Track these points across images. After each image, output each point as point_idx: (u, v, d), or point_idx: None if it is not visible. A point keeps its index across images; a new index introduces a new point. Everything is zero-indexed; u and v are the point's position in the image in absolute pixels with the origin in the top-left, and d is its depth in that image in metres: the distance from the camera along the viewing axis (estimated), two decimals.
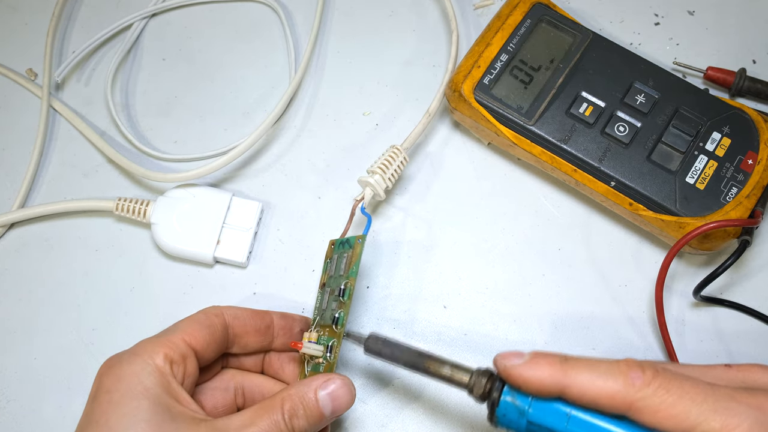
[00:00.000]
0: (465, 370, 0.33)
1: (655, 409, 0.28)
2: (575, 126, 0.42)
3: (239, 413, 0.32)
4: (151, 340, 0.33)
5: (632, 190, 0.40)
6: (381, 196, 0.42)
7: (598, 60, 0.43)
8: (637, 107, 0.42)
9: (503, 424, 0.31)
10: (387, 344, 0.35)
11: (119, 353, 0.33)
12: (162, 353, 0.32)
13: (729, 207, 0.39)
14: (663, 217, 0.40)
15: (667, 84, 0.42)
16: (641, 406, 0.28)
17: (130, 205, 0.44)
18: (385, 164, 0.42)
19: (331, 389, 0.33)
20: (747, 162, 0.40)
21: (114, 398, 0.31)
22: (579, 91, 0.42)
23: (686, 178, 0.40)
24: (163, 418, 0.30)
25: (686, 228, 0.39)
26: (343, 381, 0.34)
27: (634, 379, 0.28)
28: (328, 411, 0.33)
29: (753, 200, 0.39)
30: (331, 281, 0.39)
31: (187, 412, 0.31)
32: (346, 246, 0.39)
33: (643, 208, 0.40)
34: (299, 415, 0.32)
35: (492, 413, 0.31)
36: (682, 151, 0.41)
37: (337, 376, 0.34)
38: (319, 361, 0.37)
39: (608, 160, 0.41)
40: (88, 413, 0.32)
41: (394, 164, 0.42)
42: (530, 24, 0.44)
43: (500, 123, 0.43)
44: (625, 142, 0.41)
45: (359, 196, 0.42)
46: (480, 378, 0.32)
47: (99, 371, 0.33)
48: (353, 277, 0.37)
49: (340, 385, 0.33)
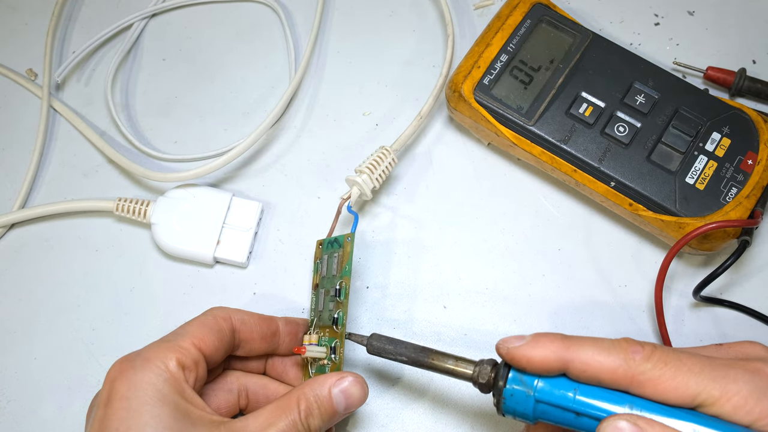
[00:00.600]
0: (469, 361, 0.33)
1: (655, 382, 0.28)
2: (575, 126, 0.42)
3: (255, 414, 0.32)
4: (162, 345, 0.33)
5: (632, 191, 0.40)
6: (368, 196, 0.43)
7: (598, 60, 0.43)
8: (637, 107, 0.42)
9: (510, 407, 0.31)
10: (390, 342, 0.35)
11: (129, 356, 0.33)
12: (175, 359, 0.32)
13: (729, 207, 0.39)
14: (663, 218, 0.40)
15: (667, 84, 0.42)
16: (642, 380, 0.28)
17: (130, 206, 0.44)
18: (373, 164, 0.42)
19: (344, 386, 0.34)
20: (747, 162, 0.40)
21: (132, 405, 0.30)
22: (579, 91, 0.42)
23: (686, 179, 0.40)
24: (185, 424, 0.30)
25: (686, 228, 0.39)
26: (356, 378, 0.34)
27: (634, 354, 0.29)
28: (342, 408, 0.33)
29: (753, 200, 0.39)
30: (325, 282, 0.39)
31: (206, 416, 0.31)
32: (335, 245, 0.40)
33: (642, 208, 0.40)
34: (314, 414, 0.33)
35: (499, 401, 0.31)
36: (681, 152, 0.41)
37: (349, 373, 0.34)
38: (323, 362, 0.37)
39: (608, 161, 0.41)
40: (102, 419, 0.31)
41: (382, 164, 0.42)
42: (530, 24, 0.44)
43: (500, 123, 0.43)
44: (625, 143, 0.41)
45: (346, 195, 0.42)
46: (484, 367, 0.32)
47: (109, 375, 0.32)
48: (347, 276, 0.37)
49: (353, 382, 0.34)
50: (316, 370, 0.38)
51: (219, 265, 0.44)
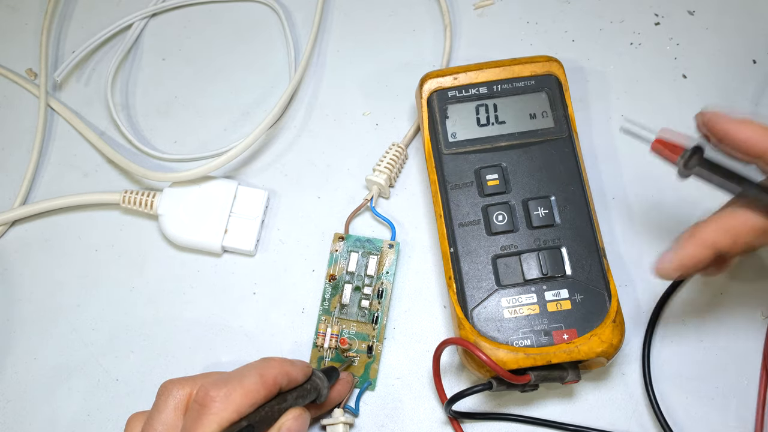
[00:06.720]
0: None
1: None
2: (473, 183, 0.40)
3: None
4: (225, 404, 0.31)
5: (460, 268, 0.39)
6: (387, 195, 0.44)
7: (546, 156, 0.41)
8: (531, 216, 0.39)
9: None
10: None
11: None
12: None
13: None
14: (459, 311, 0.38)
15: (578, 221, 0.39)
16: None
17: (137, 197, 0.44)
18: (391, 163, 0.44)
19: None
20: (561, 336, 0.37)
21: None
22: (502, 162, 0.41)
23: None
24: None
25: (461, 332, 0.38)
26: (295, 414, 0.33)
27: None
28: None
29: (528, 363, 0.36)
30: (354, 278, 0.42)
31: None
32: (368, 246, 0.42)
33: (453, 288, 0.39)
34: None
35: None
36: (522, 280, 0.38)
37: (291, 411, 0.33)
38: (351, 355, 0.41)
39: (466, 230, 0.39)
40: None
41: (398, 162, 0.44)
42: (530, 86, 0.42)
43: (429, 132, 0.42)
44: (491, 231, 0.39)
45: (368, 196, 0.44)
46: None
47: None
48: (389, 282, 0.42)
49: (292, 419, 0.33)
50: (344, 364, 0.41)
51: (220, 261, 0.44)
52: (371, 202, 0.44)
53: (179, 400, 0.32)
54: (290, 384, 0.34)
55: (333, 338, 0.41)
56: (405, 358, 0.42)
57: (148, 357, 0.42)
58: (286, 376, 0.33)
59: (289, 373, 0.33)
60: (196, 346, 0.42)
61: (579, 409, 0.40)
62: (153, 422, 0.32)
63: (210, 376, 0.34)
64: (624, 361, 0.41)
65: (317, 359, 0.41)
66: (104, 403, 0.42)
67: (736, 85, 0.47)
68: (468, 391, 0.36)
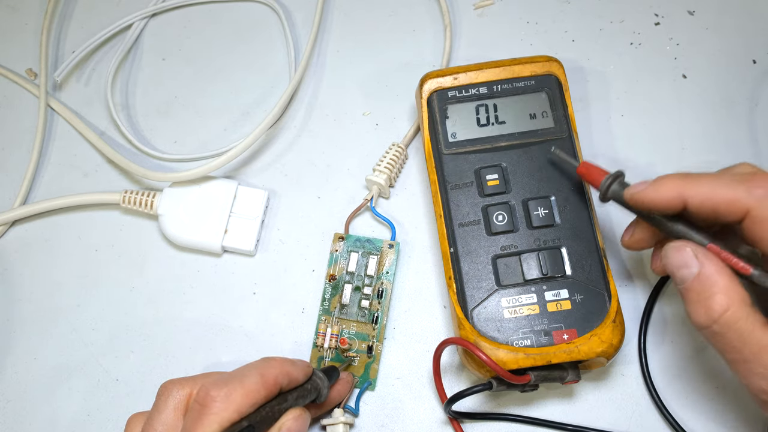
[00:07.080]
0: None
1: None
2: (473, 183, 0.40)
3: None
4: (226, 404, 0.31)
5: (459, 268, 0.39)
6: (387, 195, 0.44)
7: (546, 156, 0.40)
8: (531, 216, 0.39)
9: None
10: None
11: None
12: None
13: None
14: (459, 312, 0.38)
15: (577, 218, 0.39)
16: (756, 215, 0.31)
17: (136, 197, 0.44)
18: (391, 163, 0.44)
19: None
20: (562, 336, 0.37)
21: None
22: (502, 162, 0.40)
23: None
24: None
25: (461, 332, 0.37)
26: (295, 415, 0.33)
27: (753, 189, 0.31)
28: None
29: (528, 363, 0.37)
30: (354, 278, 0.42)
31: None
32: (368, 246, 0.42)
33: (453, 288, 0.38)
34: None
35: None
36: (523, 280, 0.38)
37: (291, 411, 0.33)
38: (351, 354, 0.41)
39: (466, 230, 0.39)
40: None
41: (398, 162, 0.44)
42: (530, 86, 0.42)
43: (429, 132, 0.42)
44: (492, 231, 0.39)
45: (368, 196, 0.44)
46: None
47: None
48: (389, 282, 0.42)
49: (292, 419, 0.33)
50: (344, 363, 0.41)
51: (221, 261, 0.44)
52: (371, 202, 0.44)
53: (179, 401, 0.32)
54: (291, 384, 0.34)
55: (333, 338, 0.41)
56: (405, 358, 0.42)
57: (148, 357, 0.42)
58: (287, 376, 0.33)
59: (289, 373, 0.33)
60: (196, 346, 0.42)
61: (579, 409, 0.40)
62: (153, 422, 0.32)
63: (210, 376, 0.34)
64: (624, 361, 0.41)
65: (317, 359, 0.41)
66: (104, 403, 0.42)
67: (736, 85, 0.47)
68: (468, 391, 0.36)
